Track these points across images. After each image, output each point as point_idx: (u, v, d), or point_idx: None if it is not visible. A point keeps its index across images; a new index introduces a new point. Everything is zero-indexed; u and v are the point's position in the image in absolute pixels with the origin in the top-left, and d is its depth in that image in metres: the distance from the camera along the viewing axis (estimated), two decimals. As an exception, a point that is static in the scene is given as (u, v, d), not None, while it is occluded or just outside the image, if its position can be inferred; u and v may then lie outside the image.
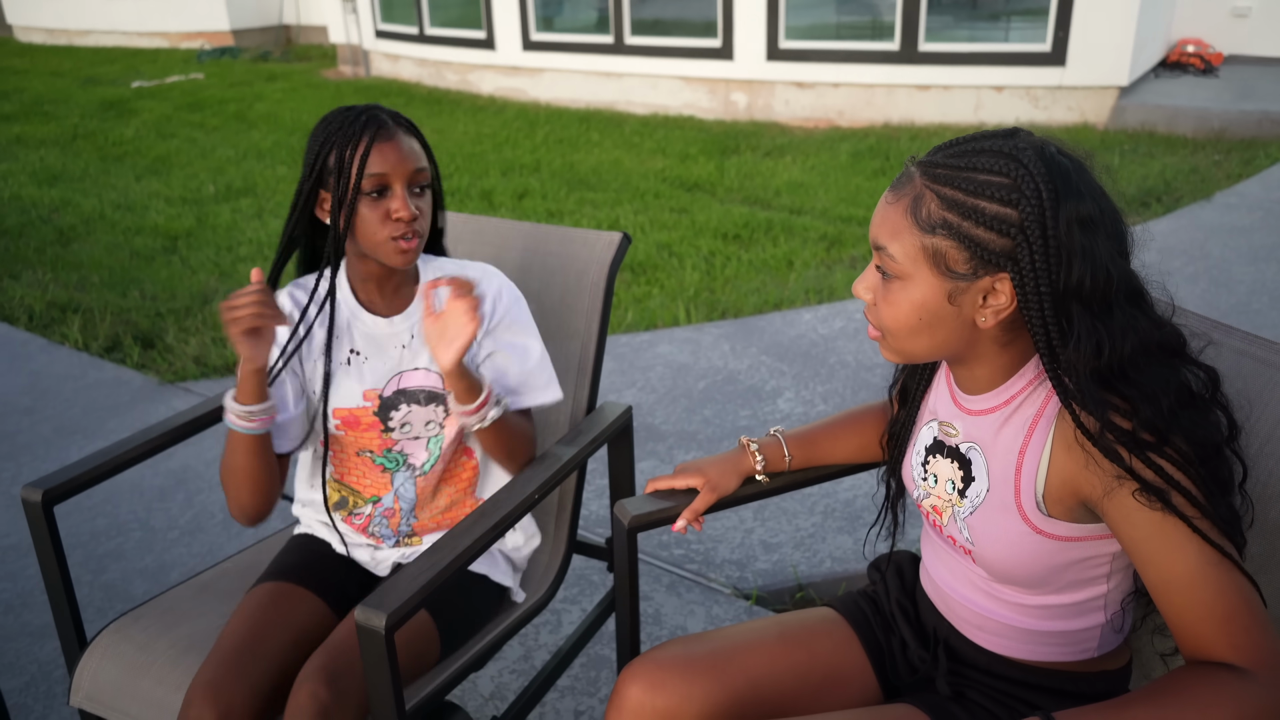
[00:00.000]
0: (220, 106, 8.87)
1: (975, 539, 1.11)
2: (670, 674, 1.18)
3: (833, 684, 1.24)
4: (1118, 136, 6.49)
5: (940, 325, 1.03)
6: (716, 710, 1.18)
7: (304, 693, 1.27)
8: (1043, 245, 0.95)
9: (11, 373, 3.60)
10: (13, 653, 2.15)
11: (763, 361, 3.43)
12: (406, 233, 1.37)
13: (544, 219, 5.44)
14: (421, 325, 1.46)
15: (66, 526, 2.61)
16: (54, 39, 14.52)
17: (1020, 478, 1.06)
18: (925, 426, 1.20)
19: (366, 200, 1.35)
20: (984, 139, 1.00)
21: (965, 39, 7.05)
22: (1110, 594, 1.11)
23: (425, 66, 9.77)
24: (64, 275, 4.63)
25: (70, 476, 1.51)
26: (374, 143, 1.34)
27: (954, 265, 0.99)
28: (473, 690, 1.99)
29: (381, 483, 1.52)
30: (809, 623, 1.29)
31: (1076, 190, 0.96)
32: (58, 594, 1.52)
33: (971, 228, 0.97)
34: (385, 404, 1.48)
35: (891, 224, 1.02)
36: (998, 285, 0.99)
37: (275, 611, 1.41)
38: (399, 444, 1.50)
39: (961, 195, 0.97)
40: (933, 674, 1.23)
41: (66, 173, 6.76)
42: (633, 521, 1.37)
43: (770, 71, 7.61)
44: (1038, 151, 0.97)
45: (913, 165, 1.02)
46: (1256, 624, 0.94)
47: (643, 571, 2.34)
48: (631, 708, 1.18)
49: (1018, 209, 0.95)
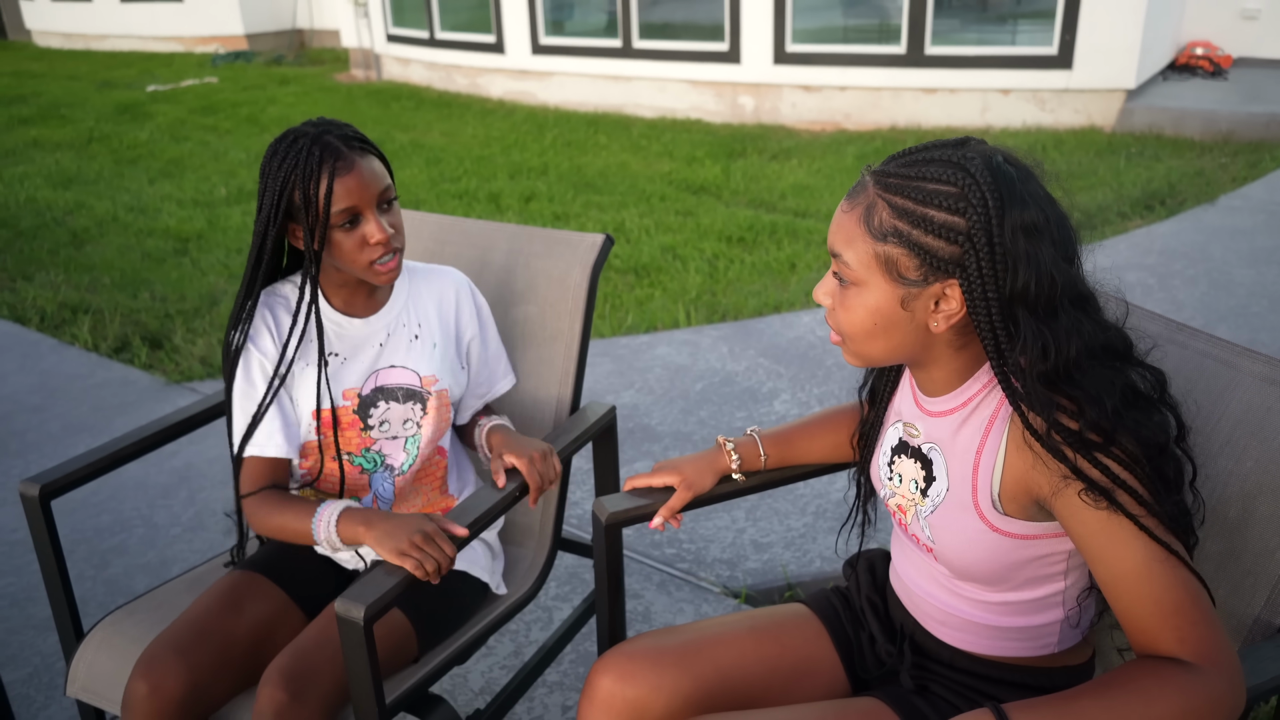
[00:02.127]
0: (233, 110, 8.96)
1: (936, 537, 1.14)
2: (640, 665, 1.22)
3: (802, 676, 1.27)
4: (1124, 139, 6.48)
5: (895, 330, 1.06)
6: (686, 700, 1.21)
7: (265, 696, 1.31)
8: (989, 252, 0.98)
9: (22, 372, 3.66)
10: (16, 644, 2.20)
11: (760, 364, 3.46)
12: (385, 254, 1.41)
13: (550, 222, 5.49)
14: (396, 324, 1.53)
15: (72, 522, 2.66)
16: (71, 43, 14.67)
17: (977, 477, 1.09)
18: (891, 427, 1.23)
19: (340, 231, 1.39)
20: (935, 149, 1.03)
21: (972, 42, 7.06)
22: (1068, 590, 1.14)
23: (436, 70, 9.83)
24: (76, 277, 4.70)
25: (67, 472, 1.56)
26: (335, 176, 1.36)
27: (905, 272, 1.02)
28: (463, 685, 2.03)
29: (359, 484, 1.55)
30: (779, 617, 1.32)
31: (1021, 198, 0.99)
32: (55, 587, 1.57)
33: (921, 236, 1.00)
34: (364, 402, 1.51)
35: (846, 232, 1.05)
36: (948, 291, 1.02)
37: (232, 599, 1.46)
38: (377, 443, 1.53)
39: (911, 204, 1.00)
40: (899, 668, 1.26)
41: (81, 175, 6.85)
42: (610, 518, 1.41)
43: (777, 75, 7.63)
44: (985, 161, 1.00)
45: (868, 174, 1.06)
46: (1203, 618, 0.97)
47: (634, 570, 2.37)
48: (602, 698, 1.21)
49: (965, 217, 0.98)
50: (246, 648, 1.43)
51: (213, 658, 1.39)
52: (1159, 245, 4.49)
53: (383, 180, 1.41)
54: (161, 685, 1.34)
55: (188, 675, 1.36)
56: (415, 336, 1.56)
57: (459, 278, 1.64)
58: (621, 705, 1.20)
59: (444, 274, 1.63)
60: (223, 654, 1.40)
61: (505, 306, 1.80)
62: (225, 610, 1.44)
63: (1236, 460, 1.21)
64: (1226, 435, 1.23)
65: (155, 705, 1.34)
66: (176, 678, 1.35)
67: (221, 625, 1.42)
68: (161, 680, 1.35)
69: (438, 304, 1.60)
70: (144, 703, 1.34)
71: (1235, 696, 0.94)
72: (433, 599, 1.53)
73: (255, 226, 1.41)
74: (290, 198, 1.38)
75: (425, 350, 1.56)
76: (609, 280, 4.53)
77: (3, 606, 2.33)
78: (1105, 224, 4.87)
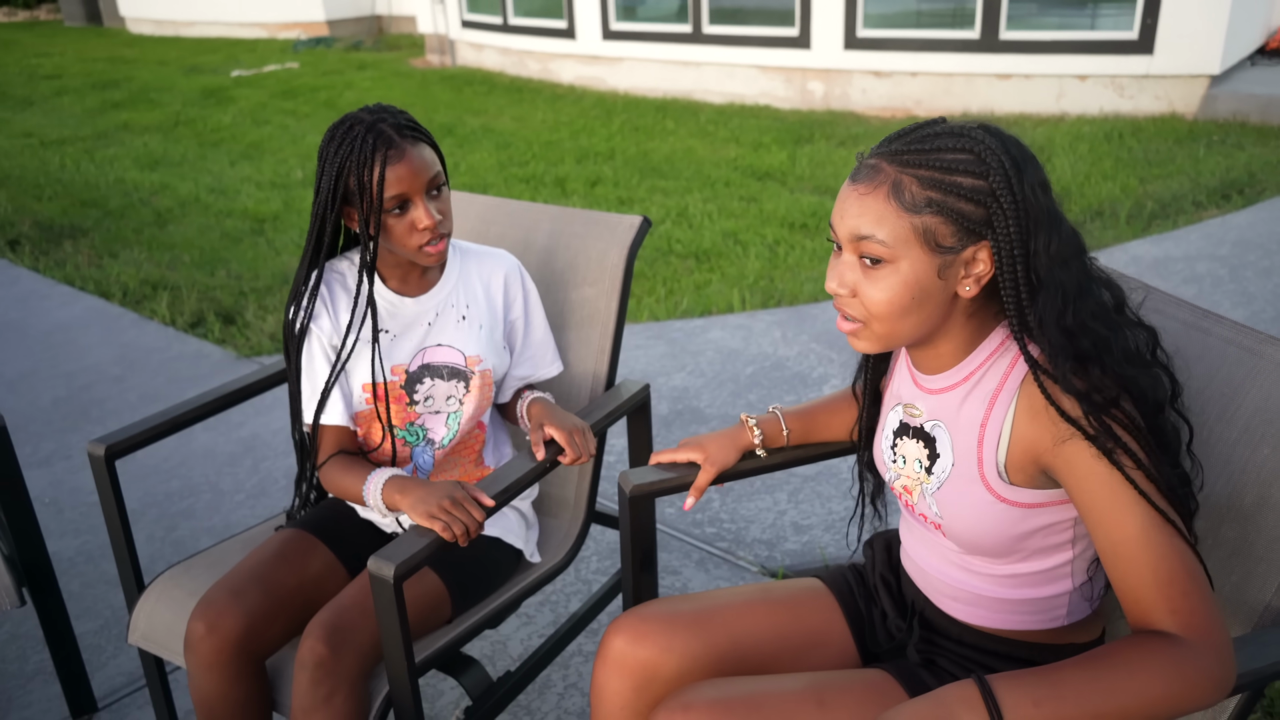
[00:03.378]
0: (312, 94, 9.20)
1: (944, 513, 1.16)
2: (652, 627, 1.26)
3: (812, 647, 1.31)
4: (1206, 126, 6.28)
5: (928, 301, 1.07)
6: (696, 662, 1.25)
7: (305, 648, 1.40)
8: (1014, 209, 1.02)
9: (105, 344, 3.85)
10: (90, 598, 2.33)
11: (812, 349, 3.47)
12: (432, 238, 1.48)
13: (614, 206, 5.54)
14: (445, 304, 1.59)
15: (144, 487, 2.81)
16: (162, 30, 15.18)
17: (982, 449, 1.10)
18: (891, 411, 1.25)
19: (391, 216, 1.46)
20: (924, 127, 1.08)
21: (1048, 26, 6.90)
22: (1075, 561, 1.15)
23: (508, 56, 9.95)
24: (158, 254, 4.91)
25: (130, 434, 1.66)
26: (387, 164, 1.43)
27: (942, 240, 1.04)
28: (503, 651, 2.10)
29: (402, 456, 1.63)
30: (794, 589, 1.36)
31: (1028, 157, 1.04)
32: (119, 540, 1.68)
33: (955, 202, 1.03)
34: (411, 378, 1.59)
35: (874, 212, 1.06)
36: (979, 254, 1.05)
37: (283, 553, 1.55)
38: (421, 418, 1.61)
39: (938, 174, 1.03)
40: (907, 642, 1.28)
41: (167, 157, 7.12)
42: (635, 490, 1.45)
43: (847, 60, 7.56)
44: (983, 129, 1.05)
45: (872, 159, 1.08)
46: (1196, 590, 0.98)
47: (673, 546, 2.42)
48: (615, 658, 1.26)
49: (987, 180, 1.02)
50: (296, 597, 1.53)
51: (265, 603, 1.48)
52: (1233, 236, 4.36)
53: (432, 168, 1.47)
54: (218, 624, 1.44)
55: (243, 617, 1.46)
56: (463, 317, 1.62)
57: (510, 262, 1.69)
58: (633, 664, 1.25)
59: (496, 256, 1.69)
60: (274, 601, 1.50)
61: (546, 285, 1.86)
62: (277, 562, 1.54)
63: (1253, 448, 1.21)
64: (1245, 422, 1.22)
65: (213, 643, 1.44)
66: (233, 618, 1.45)
67: (273, 575, 1.52)
68: (218, 620, 1.45)
69: (486, 286, 1.66)
70: (202, 641, 1.44)
71: (1224, 672, 0.95)
72: (467, 564, 1.60)
73: (313, 209, 1.49)
74: (346, 183, 1.45)
75: (472, 330, 1.62)
76: (669, 264, 4.56)
77: (79, 562, 2.48)
78: (1179, 213, 4.75)
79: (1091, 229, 4.67)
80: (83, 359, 3.72)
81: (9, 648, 2.19)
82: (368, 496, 1.47)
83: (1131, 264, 4.11)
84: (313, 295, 1.53)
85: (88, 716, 1.98)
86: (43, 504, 2.74)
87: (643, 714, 1.24)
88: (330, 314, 1.55)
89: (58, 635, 1.91)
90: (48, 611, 1.89)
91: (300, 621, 1.54)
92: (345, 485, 1.51)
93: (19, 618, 2.27)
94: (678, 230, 5.04)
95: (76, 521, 2.65)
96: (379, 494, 1.46)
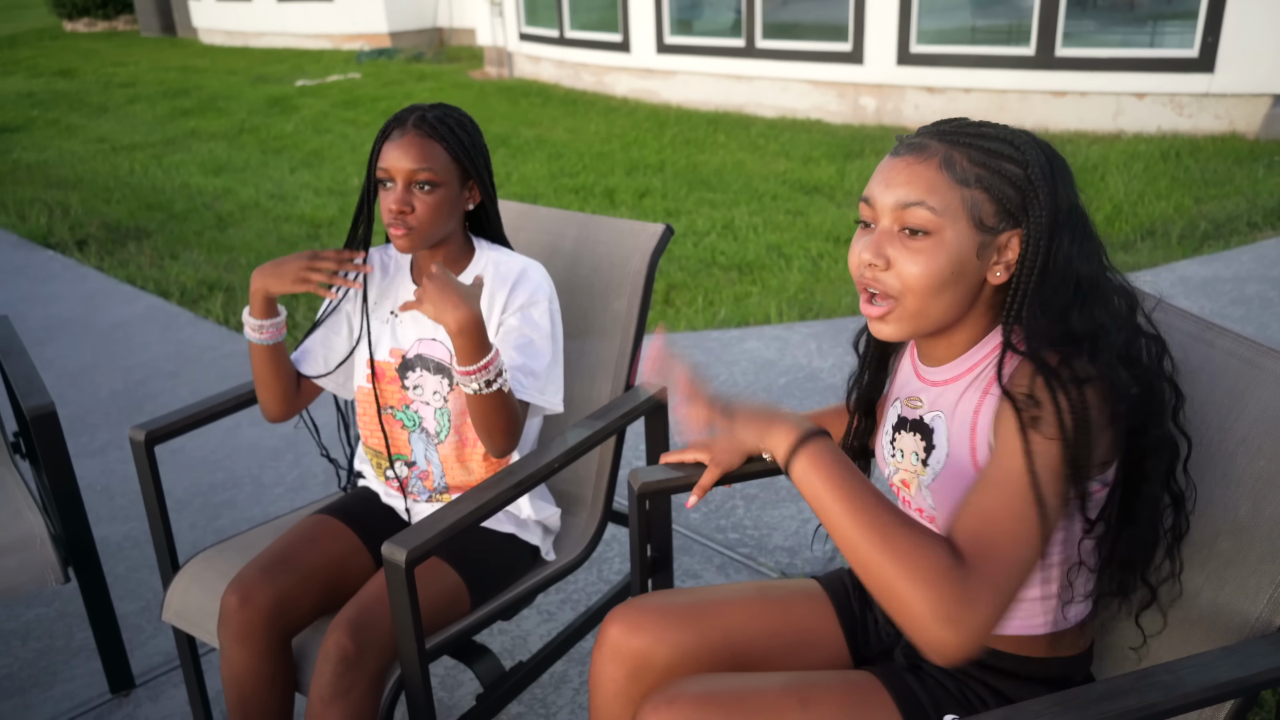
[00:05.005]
0: (372, 104, 9.41)
1: (937, 504, 1.17)
2: (647, 618, 1.30)
3: (804, 645, 1.33)
4: (1268, 146, 6.15)
5: (962, 280, 1.08)
6: (688, 654, 1.29)
7: (331, 641, 1.46)
8: (1050, 200, 1.05)
9: (162, 341, 3.99)
10: (135, 581, 2.44)
11: (847, 361, 3.48)
12: (395, 223, 1.56)
13: (661, 217, 5.59)
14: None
15: (191, 477, 2.91)
16: (232, 40, 15.63)
17: (975, 437, 1.11)
18: (890, 407, 1.27)
19: (382, 190, 1.56)
20: (966, 121, 1.11)
21: (1105, 44, 6.82)
22: (1054, 568, 1.15)
23: (564, 68, 10.08)
24: (216, 256, 5.07)
25: (169, 422, 1.75)
26: (386, 140, 1.54)
27: (985, 218, 1.06)
28: (522, 645, 2.15)
29: (401, 440, 1.69)
30: (789, 588, 1.39)
31: (1061, 161, 1.09)
32: (155, 519, 1.76)
33: (1000, 182, 1.06)
34: (405, 364, 1.68)
35: (926, 180, 1.06)
36: (1012, 240, 1.08)
37: (312, 536, 1.63)
38: (414, 403, 1.68)
39: (985, 155, 1.07)
40: (895, 646, 1.30)
41: (231, 164, 7.34)
42: (643, 487, 1.50)
43: (900, 76, 7.54)
44: (1019, 130, 1.09)
45: (917, 137, 1.10)
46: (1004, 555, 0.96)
47: (695, 550, 2.45)
48: (610, 646, 1.30)
49: (1026, 169, 1.06)
50: (323, 578, 1.60)
51: (294, 581, 1.56)
52: (1288, 258, 4.28)
53: (423, 162, 1.52)
54: (251, 597, 1.53)
55: (273, 593, 1.54)
56: None
57: (532, 274, 1.64)
58: (627, 653, 1.29)
59: (521, 273, 1.64)
60: (302, 580, 1.57)
61: (570, 291, 1.91)
62: (307, 545, 1.62)
63: (1250, 459, 1.21)
64: (1243, 433, 1.23)
65: (245, 615, 1.52)
66: (263, 594, 1.53)
67: (303, 556, 1.60)
68: (251, 593, 1.53)
69: (490, 294, 1.65)
70: (235, 614, 1.52)
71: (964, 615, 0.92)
72: (483, 559, 1.66)
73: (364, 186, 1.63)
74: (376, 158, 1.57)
75: None
76: (711, 275, 4.60)
77: (126, 547, 2.58)
78: (1233, 234, 4.66)
79: (1141, 249, 4.61)
80: (140, 355, 3.87)
81: (57, 624, 2.29)
82: (245, 320, 1.63)
83: (1179, 284, 4.05)
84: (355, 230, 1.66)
85: (125, 692, 2.07)
86: (95, 491, 2.86)
87: (636, 701, 1.28)
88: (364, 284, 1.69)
89: (100, 614, 2.00)
90: (91, 591, 1.98)
91: (325, 602, 1.60)
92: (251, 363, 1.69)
93: (67, 597, 2.38)
94: (722, 242, 5.07)
95: (126, 509, 2.77)
96: (245, 313, 1.64)
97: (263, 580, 1.54)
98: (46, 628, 2.29)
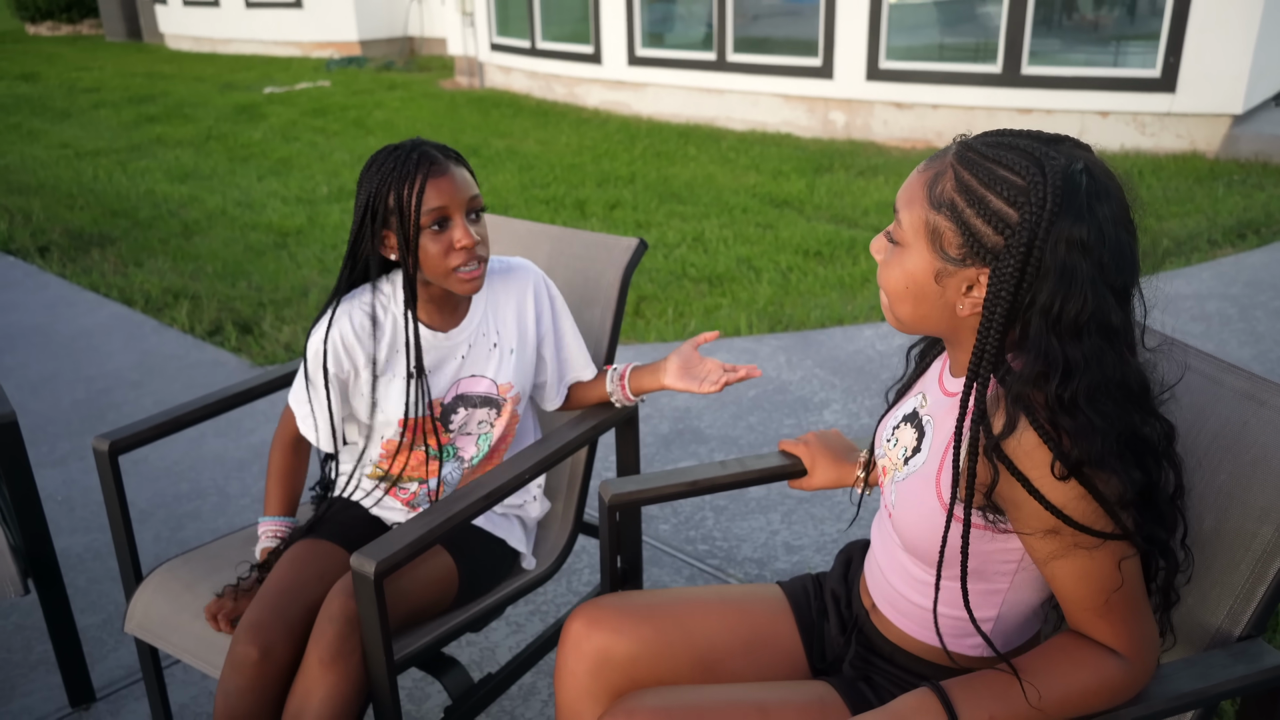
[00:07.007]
0: (342, 113, 9.36)
1: (897, 503, 1.18)
2: (607, 614, 1.33)
3: (762, 648, 1.34)
4: (1227, 166, 6.28)
5: (924, 300, 1.07)
6: (647, 647, 1.30)
7: (337, 604, 1.44)
8: (1024, 253, 0.97)
9: (126, 350, 3.94)
10: (96, 593, 2.40)
11: (816, 374, 3.51)
12: (470, 260, 1.49)
13: (631, 229, 5.61)
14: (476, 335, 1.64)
15: (155, 488, 2.87)
16: (200, 46, 15.49)
17: (946, 457, 1.12)
18: (913, 397, 1.25)
19: (429, 234, 1.46)
20: (1027, 137, 1.02)
21: (1070, 63, 6.93)
22: (1009, 595, 1.15)
23: (535, 79, 10.09)
24: (182, 264, 5.02)
25: (133, 432, 1.72)
26: (429, 178, 1.44)
27: (947, 247, 1.02)
28: (490, 658, 2.14)
29: (430, 470, 1.66)
30: (750, 593, 1.40)
31: (1080, 211, 0.97)
32: (119, 529, 1.74)
33: (971, 217, 1.00)
34: (446, 409, 1.63)
35: (910, 192, 1.06)
36: (981, 278, 1.02)
37: (313, 563, 1.57)
38: (453, 439, 1.66)
39: (975, 183, 1.00)
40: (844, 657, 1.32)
41: (197, 171, 7.27)
42: (613, 499, 1.50)
43: (869, 91, 7.62)
44: (1065, 164, 0.98)
45: (951, 144, 1.07)
46: (1134, 616, 1.03)
47: (664, 562, 2.45)
48: (572, 642, 1.33)
49: (1019, 212, 0.97)
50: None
51: (306, 617, 1.50)
52: (1246, 275, 4.36)
53: (473, 189, 1.49)
54: (271, 653, 1.45)
55: (287, 633, 1.47)
56: (494, 345, 1.65)
57: (535, 276, 1.70)
58: (589, 649, 1.31)
59: (520, 274, 1.68)
60: (314, 612, 1.51)
61: (542, 300, 1.91)
62: (309, 575, 1.55)
63: (1212, 473, 1.24)
64: (1205, 448, 1.26)
65: (266, 669, 1.44)
66: (281, 637, 1.46)
67: (309, 588, 1.53)
68: (271, 648, 1.45)
69: (516, 310, 1.66)
70: (255, 666, 1.44)
71: (1146, 681, 1.05)
72: (479, 555, 1.66)
73: (351, 232, 1.50)
74: (385, 201, 1.45)
75: (504, 358, 1.65)
76: (681, 288, 4.62)
77: (87, 559, 2.54)
78: (1193, 251, 4.75)
79: (1104, 264, 4.67)
80: (103, 364, 3.81)
81: (15, 637, 2.25)
82: (260, 528, 1.69)
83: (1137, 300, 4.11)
84: (334, 319, 1.55)
85: (86, 705, 2.03)
86: (55, 501, 2.82)
87: (599, 696, 1.30)
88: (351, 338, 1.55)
89: (60, 626, 1.97)
90: (50, 603, 1.95)
91: None
92: (272, 479, 1.70)
93: (25, 609, 2.34)
94: (693, 255, 5.09)
95: (87, 520, 2.72)
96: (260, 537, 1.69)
97: (275, 620, 1.47)
98: (4, 641, 2.24)
